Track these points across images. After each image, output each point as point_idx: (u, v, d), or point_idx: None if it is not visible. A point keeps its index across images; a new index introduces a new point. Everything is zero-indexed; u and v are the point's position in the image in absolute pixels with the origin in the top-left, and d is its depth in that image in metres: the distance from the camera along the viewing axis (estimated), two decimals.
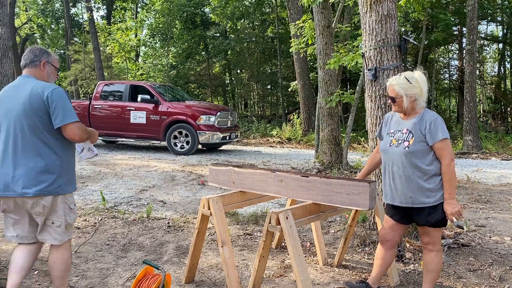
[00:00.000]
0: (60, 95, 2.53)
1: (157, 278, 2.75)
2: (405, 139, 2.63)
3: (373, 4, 3.71)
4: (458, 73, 20.27)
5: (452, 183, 2.54)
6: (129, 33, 21.56)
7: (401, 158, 2.63)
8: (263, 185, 2.96)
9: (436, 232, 2.68)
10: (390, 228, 2.83)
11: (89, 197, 5.68)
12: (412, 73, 2.69)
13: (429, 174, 2.58)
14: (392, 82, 2.70)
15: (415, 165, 2.59)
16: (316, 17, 8.11)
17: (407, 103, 2.64)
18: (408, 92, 2.62)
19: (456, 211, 2.53)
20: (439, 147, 2.55)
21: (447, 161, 2.55)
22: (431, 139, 2.56)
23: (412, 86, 2.63)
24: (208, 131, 9.32)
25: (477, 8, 11.72)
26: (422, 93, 2.64)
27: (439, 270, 2.74)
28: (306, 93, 14.63)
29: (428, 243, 2.71)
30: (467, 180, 7.18)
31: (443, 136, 2.55)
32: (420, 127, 2.60)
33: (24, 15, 31.18)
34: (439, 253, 2.72)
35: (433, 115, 2.61)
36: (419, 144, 2.58)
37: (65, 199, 2.61)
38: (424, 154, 2.58)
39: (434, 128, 2.56)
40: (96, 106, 10.20)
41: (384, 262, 2.88)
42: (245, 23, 22.82)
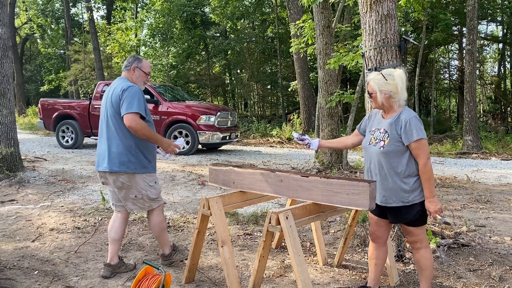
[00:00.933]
0: (131, 92, 3.06)
1: (157, 278, 2.75)
2: (382, 139, 2.65)
3: (373, 4, 3.71)
4: (458, 73, 20.27)
5: (430, 182, 2.54)
6: (129, 33, 21.57)
7: (377, 157, 2.65)
8: (263, 185, 2.96)
9: (419, 230, 2.69)
10: (376, 225, 2.86)
11: (89, 197, 5.68)
12: (392, 70, 2.67)
13: (405, 174, 2.58)
14: (369, 77, 2.72)
15: (390, 165, 2.60)
16: (316, 17, 8.11)
17: (382, 99, 2.63)
18: (382, 88, 2.62)
19: (439, 208, 2.55)
20: (414, 147, 2.54)
21: (424, 160, 2.53)
22: (406, 139, 2.55)
23: (387, 83, 2.61)
24: (208, 131, 9.32)
25: (477, 8, 11.72)
26: (398, 91, 2.60)
27: (431, 266, 2.76)
28: (306, 93, 14.63)
29: (414, 241, 2.73)
30: (467, 180, 7.18)
31: (417, 136, 2.52)
32: (396, 127, 2.59)
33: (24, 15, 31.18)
34: (428, 249, 2.74)
35: (408, 115, 2.58)
36: (395, 144, 2.58)
37: (143, 178, 3.17)
38: (400, 154, 2.58)
39: (409, 128, 2.53)
40: (96, 106, 10.19)
41: (379, 261, 2.90)
42: (245, 23, 22.82)
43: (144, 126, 3.04)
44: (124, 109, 3.02)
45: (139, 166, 3.13)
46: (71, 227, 4.42)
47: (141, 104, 3.06)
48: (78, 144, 10.46)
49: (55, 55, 31.20)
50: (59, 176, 6.82)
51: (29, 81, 33.96)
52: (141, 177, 3.16)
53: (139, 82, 3.28)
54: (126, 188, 3.14)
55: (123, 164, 3.08)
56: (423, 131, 2.55)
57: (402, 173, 2.58)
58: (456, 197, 5.96)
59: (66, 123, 10.49)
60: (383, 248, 2.89)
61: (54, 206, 5.25)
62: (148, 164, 3.20)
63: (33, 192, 5.89)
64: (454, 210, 5.18)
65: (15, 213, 4.93)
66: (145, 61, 3.35)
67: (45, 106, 10.86)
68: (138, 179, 3.14)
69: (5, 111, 6.82)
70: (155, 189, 3.25)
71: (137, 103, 3.03)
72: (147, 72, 3.32)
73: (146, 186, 3.18)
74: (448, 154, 11.08)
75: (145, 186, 3.18)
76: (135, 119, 3.00)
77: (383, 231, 2.86)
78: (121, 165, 3.08)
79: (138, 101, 3.05)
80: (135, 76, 3.27)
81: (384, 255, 2.91)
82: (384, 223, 2.83)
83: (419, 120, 2.58)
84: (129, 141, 3.10)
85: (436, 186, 6.67)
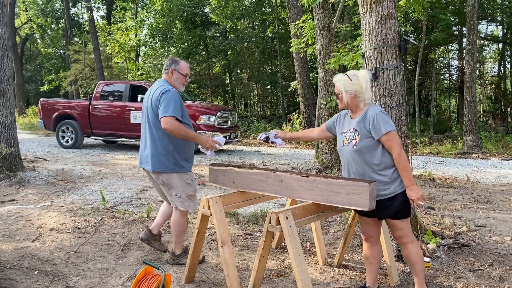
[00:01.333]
0: (168, 96, 3.21)
1: (157, 278, 2.75)
2: (353, 138, 2.72)
3: (373, 4, 3.71)
4: (458, 73, 20.27)
5: (407, 170, 2.62)
6: (129, 33, 21.56)
7: (352, 156, 2.72)
8: (263, 185, 2.96)
9: (403, 223, 2.73)
10: (366, 224, 2.90)
11: (89, 197, 5.68)
12: (356, 72, 2.78)
13: (380, 167, 2.65)
14: (335, 79, 2.82)
15: (365, 161, 2.67)
16: (316, 17, 8.11)
17: (348, 99, 2.73)
18: (347, 88, 2.72)
19: (420, 195, 2.61)
20: (385, 140, 2.62)
21: (397, 151, 2.61)
22: (376, 134, 2.63)
23: (352, 83, 2.72)
24: (208, 131, 9.32)
25: (477, 8, 11.72)
26: (363, 90, 2.70)
27: (421, 259, 2.78)
28: (306, 93, 14.62)
29: (400, 236, 2.76)
30: (467, 180, 7.18)
31: (386, 129, 2.60)
32: (364, 124, 2.68)
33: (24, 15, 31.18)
34: (414, 243, 2.77)
35: (374, 110, 2.68)
36: (366, 140, 2.66)
37: (181, 176, 3.35)
38: (372, 149, 2.65)
39: (377, 123, 2.62)
40: (96, 106, 10.19)
41: (374, 260, 2.93)
42: (245, 23, 22.82)
43: (179, 127, 3.16)
44: (161, 112, 3.18)
45: (177, 166, 3.33)
46: (71, 227, 4.42)
47: (177, 107, 3.20)
48: (78, 144, 10.46)
49: (55, 55, 31.20)
50: (59, 176, 6.82)
51: (29, 81, 33.96)
52: (179, 176, 3.35)
53: (178, 84, 3.42)
54: (167, 186, 3.37)
55: (162, 164, 3.29)
56: (391, 124, 2.64)
57: (378, 167, 2.65)
58: (456, 197, 5.96)
59: (66, 123, 10.48)
60: (377, 247, 2.93)
61: (54, 206, 5.25)
62: (185, 163, 3.39)
63: (33, 192, 5.89)
64: (454, 210, 5.18)
65: (15, 213, 4.93)
66: (183, 62, 3.44)
67: (45, 106, 10.86)
68: (176, 178, 3.34)
69: (5, 111, 6.82)
70: (192, 186, 3.43)
71: (173, 106, 3.18)
72: (185, 74, 3.42)
73: (184, 184, 3.37)
74: (448, 154, 11.08)
75: (183, 184, 3.37)
76: (170, 121, 3.14)
77: (373, 230, 2.90)
78: (160, 165, 3.29)
79: (175, 104, 3.19)
80: (173, 79, 3.40)
81: (378, 254, 2.94)
82: (373, 221, 2.87)
83: (385, 114, 2.68)
84: (167, 142, 3.28)
85: (436, 186, 6.67)
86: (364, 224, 2.91)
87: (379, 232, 2.93)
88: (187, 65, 3.48)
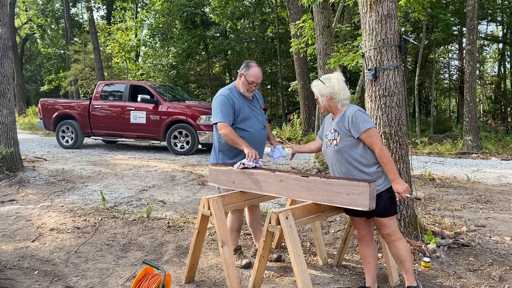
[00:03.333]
0: (215, 102, 3.38)
1: (157, 278, 2.75)
2: (334, 138, 2.78)
3: (373, 4, 3.71)
4: (458, 73, 20.27)
5: (391, 164, 2.66)
6: (129, 33, 21.55)
7: (335, 156, 2.76)
8: (263, 185, 2.96)
9: (391, 221, 2.76)
10: (358, 224, 2.93)
11: (89, 197, 5.68)
12: (329, 75, 2.86)
13: (363, 164, 2.69)
14: (311, 86, 2.90)
15: (348, 160, 2.71)
16: (316, 17, 8.10)
17: (325, 102, 2.81)
18: (322, 92, 2.81)
19: (406, 187, 2.65)
20: (365, 137, 2.66)
21: (378, 146, 2.65)
22: (356, 132, 2.67)
23: (325, 86, 2.80)
24: (208, 131, 9.31)
25: (477, 8, 11.71)
26: (337, 91, 2.77)
27: (409, 256, 2.81)
28: (306, 93, 14.62)
29: (388, 234, 2.78)
30: (467, 180, 7.18)
31: (364, 127, 2.65)
32: (343, 123, 2.73)
33: (24, 15, 31.19)
34: (401, 240, 2.80)
35: (352, 110, 2.73)
36: (346, 140, 2.71)
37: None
38: (354, 147, 2.69)
39: (356, 121, 2.67)
40: (96, 106, 10.19)
41: (372, 259, 2.95)
42: (245, 23, 22.81)
43: (227, 133, 3.28)
44: (213, 118, 3.40)
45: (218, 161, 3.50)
46: (71, 227, 4.42)
47: (224, 113, 3.30)
48: (78, 144, 10.46)
49: (55, 55, 31.19)
50: (59, 176, 6.82)
51: (29, 81, 33.96)
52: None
53: (242, 89, 3.44)
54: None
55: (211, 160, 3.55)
56: (370, 121, 2.69)
57: (360, 165, 2.68)
58: (456, 197, 5.95)
59: (66, 123, 10.48)
60: (371, 246, 2.95)
61: (54, 206, 5.25)
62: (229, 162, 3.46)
63: (33, 192, 5.89)
64: (454, 210, 5.18)
65: (15, 213, 4.93)
66: (253, 69, 3.38)
67: (45, 106, 10.86)
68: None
69: (5, 111, 6.82)
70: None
71: (221, 112, 3.31)
72: (250, 81, 3.38)
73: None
74: (448, 154, 11.08)
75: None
76: (221, 127, 3.30)
77: (365, 229, 2.92)
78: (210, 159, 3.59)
79: (222, 110, 3.31)
80: (240, 83, 3.44)
81: (373, 253, 2.96)
82: (363, 221, 2.89)
83: (363, 112, 2.73)
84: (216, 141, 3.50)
85: (436, 186, 6.67)
86: (356, 225, 2.95)
87: (371, 231, 2.96)
88: (257, 73, 3.39)
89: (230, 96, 3.39)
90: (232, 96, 3.40)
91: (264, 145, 3.64)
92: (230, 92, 3.42)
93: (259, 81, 3.42)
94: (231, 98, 3.37)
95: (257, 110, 3.54)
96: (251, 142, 3.33)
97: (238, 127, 3.38)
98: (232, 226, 3.55)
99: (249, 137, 3.38)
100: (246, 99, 3.48)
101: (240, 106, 3.40)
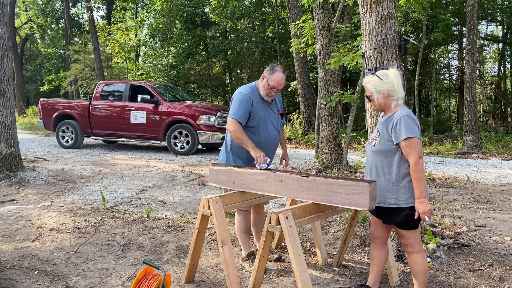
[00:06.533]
0: (234, 98, 3.38)
1: (157, 278, 2.75)
2: (374, 138, 2.69)
3: (373, 4, 3.71)
4: (458, 73, 20.26)
5: (421, 182, 2.49)
6: (129, 33, 21.53)
7: (371, 156, 2.69)
8: (263, 185, 2.96)
9: (410, 233, 2.66)
10: (375, 224, 2.87)
11: (89, 197, 5.68)
12: (385, 71, 2.71)
13: (395, 175, 2.57)
14: (365, 81, 2.74)
15: (381, 164, 2.61)
16: (316, 17, 8.10)
17: (381, 99, 2.65)
18: (378, 88, 2.64)
19: (428, 209, 2.49)
20: (404, 145, 2.50)
21: (415, 159, 2.48)
22: (396, 138, 2.53)
23: (383, 82, 2.63)
24: (208, 131, 9.32)
25: (477, 8, 11.72)
26: (395, 88, 2.62)
27: (424, 271, 2.71)
28: (306, 93, 14.62)
29: (406, 245, 2.71)
30: (467, 180, 7.18)
31: (407, 134, 2.48)
32: (388, 126, 2.60)
33: (24, 15, 31.18)
34: (420, 254, 2.70)
35: (401, 113, 2.56)
36: (385, 143, 2.59)
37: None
38: (390, 153, 2.57)
39: (399, 126, 2.51)
40: (96, 106, 10.19)
41: (379, 261, 2.90)
42: (245, 23, 22.81)
43: (234, 131, 3.27)
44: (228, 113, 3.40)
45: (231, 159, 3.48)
46: (71, 227, 4.42)
47: (239, 111, 3.28)
48: (78, 144, 10.46)
49: (55, 55, 31.19)
50: (59, 176, 6.82)
51: (29, 81, 33.95)
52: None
53: (262, 91, 3.39)
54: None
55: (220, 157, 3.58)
56: (415, 130, 2.51)
57: (392, 174, 2.58)
58: (456, 197, 5.95)
59: (66, 123, 10.48)
60: (383, 249, 2.89)
61: (54, 206, 5.25)
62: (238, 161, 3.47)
63: (33, 192, 5.89)
64: (454, 210, 5.18)
65: (15, 213, 4.93)
66: (277, 74, 3.30)
67: (45, 106, 10.86)
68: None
69: (5, 111, 6.81)
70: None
71: (236, 109, 3.31)
72: (271, 85, 3.31)
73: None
74: (448, 154, 11.08)
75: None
76: (230, 123, 3.31)
77: (381, 231, 2.86)
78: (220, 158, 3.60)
79: (238, 107, 3.30)
80: (261, 84, 3.39)
81: (383, 256, 2.90)
82: (380, 222, 2.83)
83: (411, 119, 2.54)
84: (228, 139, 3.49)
85: (436, 186, 6.66)
86: (373, 225, 2.88)
87: (386, 235, 2.88)
88: (280, 79, 3.31)
89: (251, 95, 3.35)
90: (252, 95, 3.36)
91: (275, 149, 3.59)
92: (251, 91, 3.38)
93: (280, 87, 3.34)
94: (250, 98, 3.34)
95: (273, 114, 3.48)
96: (262, 146, 3.31)
97: (250, 130, 3.35)
98: (239, 226, 3.54)
99: (260, 141, 3.35)
100: (265, 101, 3.43)
101: (257, 107, 3.36)
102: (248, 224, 3.59)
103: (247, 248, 3.57)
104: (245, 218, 3.54)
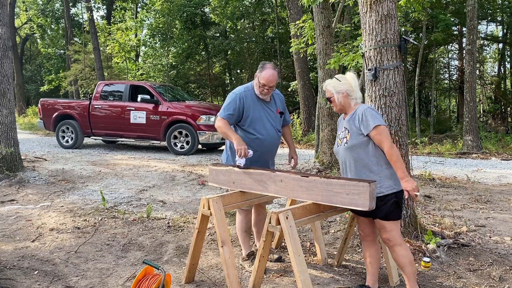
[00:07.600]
0: (227, 97, 3.42)
1: (157, 278, 2.75)
2: (344, 136, 2.79)
3: (373, 4, 3.71)
4: (458, 73, 20.26)
5: (400, 161, 2.63)
6: (129, 33, 21.54)
7: (345, 155, 2.77)
8: (263, 185, 2.96)
9: (393, 225, 2.73)
10: (362, 223, 2.92)
11: (89, 197, 5.68)
12: (342, 75, 2.90)
13: (373, 165, 2.68)
14: (324, 85, 2.91)
15: (357, 158, 2.71)
16: (316, 17, 8.10)
17: (341, 98, 2.82)
18: (338, 88, 2.82)
19: (415, 186, 2.61)
20: (374, 134, 2.65)
21: (388, 144, 2.63)
22: (365, 129, 2.67)
23: (341, 83, 2.83)
24: (208, 131, 9.32)
25: (477, 8, 11.71)
26: (353, 88, 2.80)
27: (411, 262, 2.76)
28: (306, 93, 14.62)
29: (388, 239, 2.75)
30: (467, 180, 7.18)
31: (374, 123, 2.64)
32: (353, 121, 2.74)
33: (24, 15, 31.18)
34: (402, 246, 2.76)
35: (362, 107, 2.75)
36: (357, 137, 2.71)
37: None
38: (364, 146, 2.70)
39: (365, 118, 2.67)
40: (96, 106, 10.19)
41: (373, 259, 2.94)
42: (245, 23, 22.81)
43: (219, 126, 3.34)
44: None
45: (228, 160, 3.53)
46: (71, 227, 4.42)
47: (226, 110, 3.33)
48: (78, 144, 10.46)
49: (55, 55, 31.18)
50: (59, 176, 6.82)
51: (29, 81, 33.95)
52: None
53: (256, 90, 3.41)
54: None
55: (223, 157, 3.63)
56: (380, 119, 2.69)
57: (370, 165, 2.68)
58: (456, 197, 5.95)
59: (66, 123, 10.48)
60: (374, 246, 2.94)
61: (54, 206, 5.25)
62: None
63: (33, 192, 5.89)
64: (454, 210, 5.18)
65: (15, 213, 4.93)
66: (266, 71, 3.28)
67: (45, 106, 10.86)
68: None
69: (5, 111, 6.81)
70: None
71: (223, 108, 3.36)
72: (262, 83, 3.31)
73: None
74: (448, 154, 11.08)
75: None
76: (216, 121, 3.38)
77: (369, 230, 2.91)
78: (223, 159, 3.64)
79: (226, 106, 3.34)
80: (254, 83, 3.43)
81: (376, 253, 2.95)
82: (368, 220, 2.88)
83: (373, 110, 2.74)
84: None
85: (436, 186, 6.66)
86: (360, 224, 2.94)
87: (374, 231, 2.94)
88: (268, 76, 3.27)
89: (243, 95, 3.34)
90: (245, 95, 3.35)
91: (276, 149, 3.55)
92: (244, 91, 3.38)
93: (271, 84, 3.29)
94: (242, 97, 3.33)
95: (272, 113, 3.45)
96: (261, 146, 3.31)
97: (246, 130, 3.35)
98: (240, 226, 3.54)
99: (258, 141, 3.33)
100: (262, 100, 3.41)
101: (251, 106, 3.34)
102: (249, 224, 3.59)
103: (247, 248, 3.56)
104: (246, 218, 3.54)
